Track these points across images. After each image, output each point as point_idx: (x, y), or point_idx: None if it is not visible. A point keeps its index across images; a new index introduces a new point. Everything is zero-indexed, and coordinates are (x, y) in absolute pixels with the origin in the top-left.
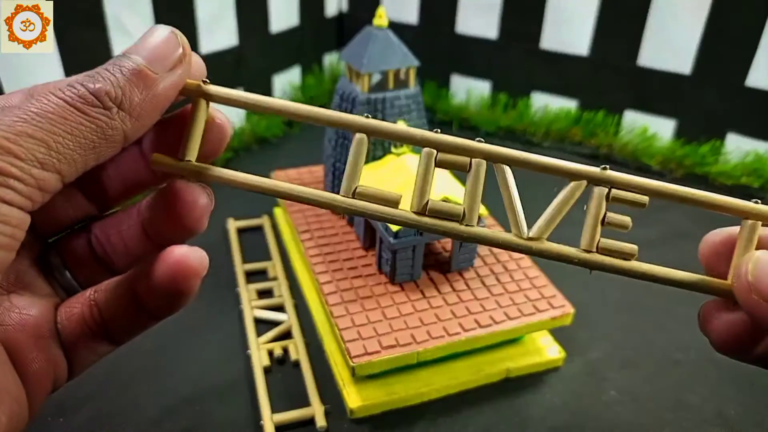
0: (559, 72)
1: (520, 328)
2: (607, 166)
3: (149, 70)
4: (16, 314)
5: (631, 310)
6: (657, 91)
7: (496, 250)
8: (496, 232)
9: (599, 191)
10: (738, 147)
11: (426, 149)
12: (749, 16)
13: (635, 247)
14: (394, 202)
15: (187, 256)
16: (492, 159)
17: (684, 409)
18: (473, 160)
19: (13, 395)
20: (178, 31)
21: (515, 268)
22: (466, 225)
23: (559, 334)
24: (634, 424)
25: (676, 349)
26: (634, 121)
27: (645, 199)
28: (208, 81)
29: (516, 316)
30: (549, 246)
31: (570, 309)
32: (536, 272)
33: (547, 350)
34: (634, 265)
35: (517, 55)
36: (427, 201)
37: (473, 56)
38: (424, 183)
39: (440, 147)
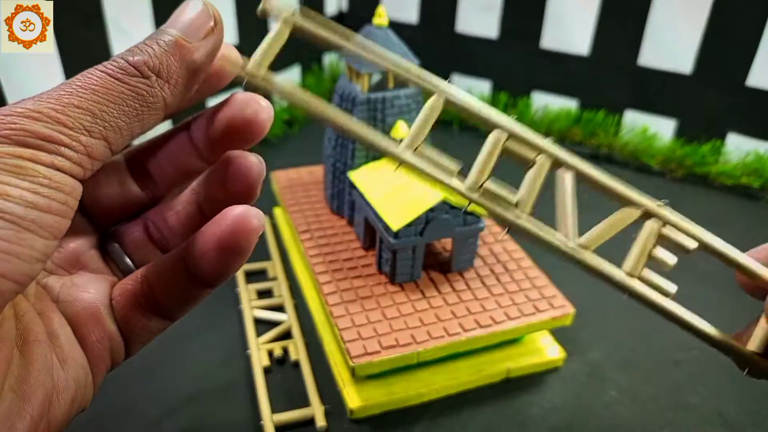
0: (560, 71)
1: (521, 328)
2: (663, 203)
3: (184, 41)
4: (76, 291)
5: (632, 310)
6: (657, 91)
7: (496, 250)
8: (544, 228)
9: (652, 224)
10: (738, 147)
11: (497, 131)
12: (749, 16)
13: (675, 286)
14: (449, 171)
15: (247, 212)
16: (559, 163)
17: (684, 409)
18: (538, 156)
19: (78, 363)
20: (209, 3)
21: (515, 268)
22: (516, 214)
23: (559, 334)
24: (634, 424)
25: (676, 349)
26: (634, 120)
27: (693, 245)
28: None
29: (516, 316)
30: (592, 257)
31: (570, 309)
32: (536, 272)
33: (548, 350)
34: (669, 304)
35: (517, 55)
36: (484, 181)
37: (473, 55)
38: (485, 162)
39: (513, 135)
